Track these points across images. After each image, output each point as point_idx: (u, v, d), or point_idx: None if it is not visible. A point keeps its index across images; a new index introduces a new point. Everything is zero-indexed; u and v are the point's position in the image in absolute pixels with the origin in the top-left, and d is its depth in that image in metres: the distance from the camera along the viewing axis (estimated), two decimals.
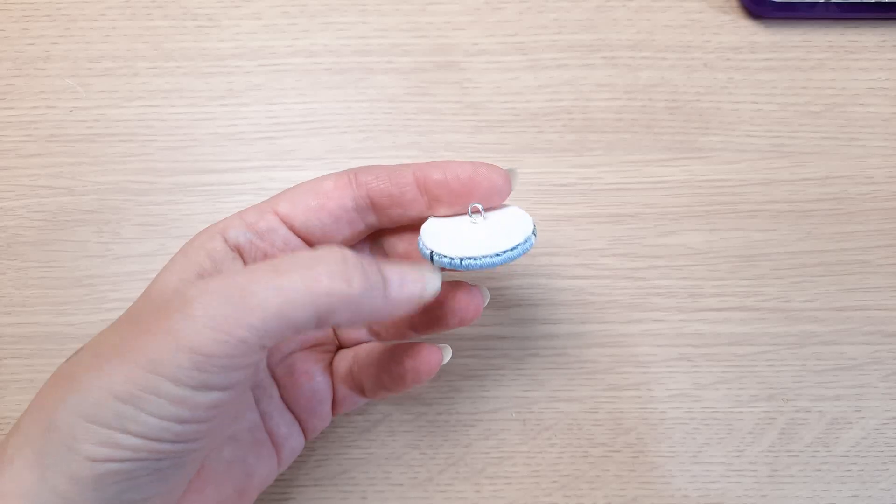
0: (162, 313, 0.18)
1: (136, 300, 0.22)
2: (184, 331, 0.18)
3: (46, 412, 0.19)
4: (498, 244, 0.22)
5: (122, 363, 0.18)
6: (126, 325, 0.20)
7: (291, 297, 0.18)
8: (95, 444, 0.18)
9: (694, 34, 0.34)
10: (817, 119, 0.34)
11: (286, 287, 0.18)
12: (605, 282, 0.32)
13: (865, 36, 0.34)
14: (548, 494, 0.30)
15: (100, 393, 0.18)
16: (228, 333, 0.18)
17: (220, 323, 0.18)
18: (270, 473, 0.26)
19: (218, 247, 0.22)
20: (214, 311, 0.18)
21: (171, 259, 0.22)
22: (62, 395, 0.18)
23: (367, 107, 0.34)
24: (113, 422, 0.18)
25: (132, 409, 0.18)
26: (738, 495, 0.31)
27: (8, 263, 0.32)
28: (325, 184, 0.23)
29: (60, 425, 0.18)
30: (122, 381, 0.18)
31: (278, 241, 0.23)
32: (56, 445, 0.18)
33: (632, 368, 0.31)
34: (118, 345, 0.19)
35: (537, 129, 0.33)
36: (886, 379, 0.31)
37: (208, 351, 0.18)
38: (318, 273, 0.19)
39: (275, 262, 0.19)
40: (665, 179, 0.33)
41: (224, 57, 0.34)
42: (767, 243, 0.33)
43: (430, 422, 0.31)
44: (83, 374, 0.18)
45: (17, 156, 0.33)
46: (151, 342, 0.18)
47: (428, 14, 0.34)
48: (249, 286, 0.18)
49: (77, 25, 0.34)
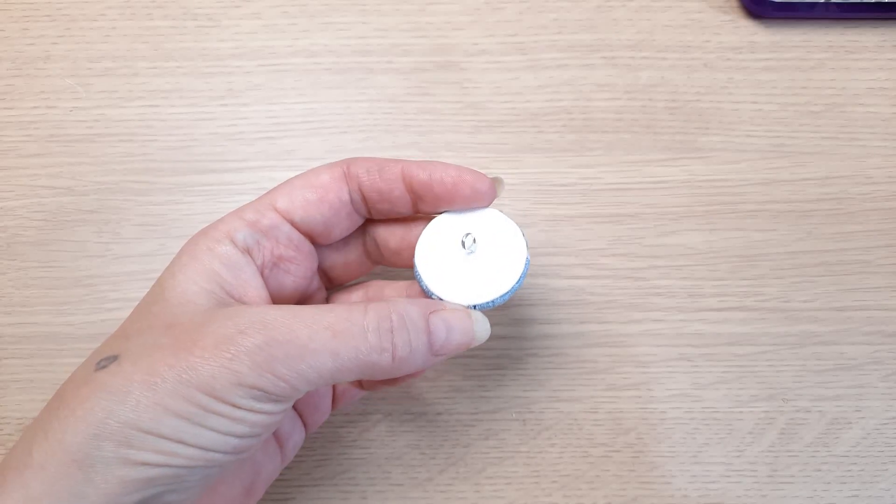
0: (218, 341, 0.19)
1: (152, 301, 0.22)
2: (245, 371, 0.19)
3: (89, 422, 0.18)
4: (501, 281, 0.24)
5: (181, 385, 0.18)
6: (164, 336, 0.20)
7: (343, 365, 0.20)
8: (152, 452, 0.18)
9: (694, 34, 0.34)
10: (817, 119, 0.34)
11: (342, 355, 0.20)
12: (605, 282, 0.32)
13: (865, 36, 0.34)
14: (548, 494, 0.30)
15: (156, 409, 0.18)
16: (285, 381, 0.19)
17: (279, 371, 0.19)
18: (276, 469, 0.26)
19: (230, 251, 0.22)
20: (275, 360, 0.19)
21: (178, 261, 0.22)
22: (110, 406, 0.18)
23: (367, 107, 0.34)
24: (171, 434, 0.18)
25: (190, 424, 0.19)
26: (738, 495, 0.31)
27: (8, 263, 0.32)
28: (321, 177, 0.24)
29: (113, 435, 0.18)
30: (182, 402, 0.18)
31: (282, 238, 0.23)
32: (108, 453, 0.18)
33: (632, 368, 0.31)
34: (169, 362, 0.19)
35: (537, 129, 0.33)
36: (886, 379, 0.31)
37: (267, 389, 0.19)
38: (370, 346, 0.20)
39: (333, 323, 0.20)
40: (665, 179, 0.33)
41: (224, 57, 0.34)
42: (767, 243, 0.33)
43: (430, 422, 0.31)
44: (135, 390, 0.18)
45: (17, 156, 0.33)
46: (211, 371, 0.19)
47: (428, 14, 0.34)
48: (310, 346, 0.19)
49: (77, 25, 0.34)
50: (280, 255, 0.24)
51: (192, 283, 0.21)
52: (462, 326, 0.22)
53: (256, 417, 0.20)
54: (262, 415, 0.20)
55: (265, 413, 0.20)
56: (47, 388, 0.31)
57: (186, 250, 0.22)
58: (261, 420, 0.20)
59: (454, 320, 0.22)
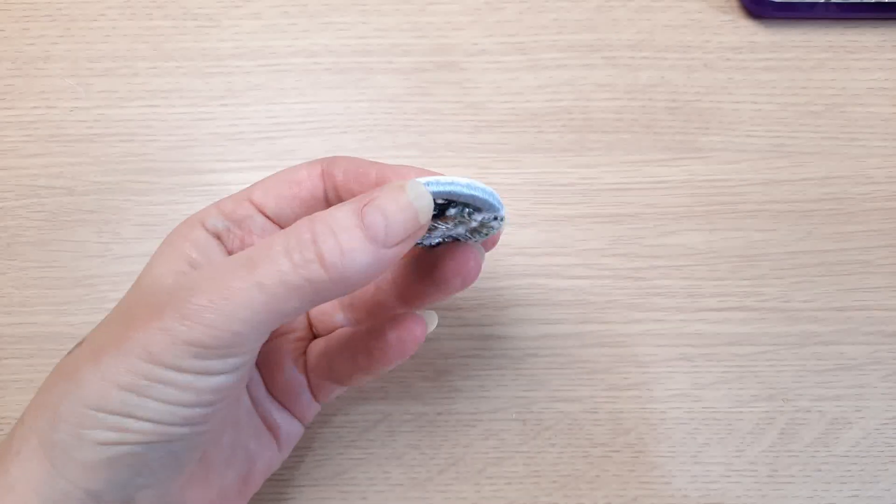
0: (154, 311, 0.19)
1: (128, 292, 0.22)
2: (177, 328, 0.18)
3: (51, 406, 0.19)
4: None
5: (121, 355, 0.19)
6: (120, 318, 0.21)
7: (273, 292, 0.18)
8: (104, 430, 0.19)
9: (694, 34, 0.34)
10: (817, 119, 0.34)
11: (266, 282, 0.18)
12: (605, 282, 0.32)
13: (865, 36, 0.34)
14: (548, 494, 0.30)
15: (102, 384, 0.19)
16: (222, 330, 0.18)
17: (211, 321, 0.18)
18: (273, 459, 0.26)
19: (200, 235, 0.23)
20: (204, 310, 0.18)
21: (157, 250, 0.23)
22: (65, 388, 0.19)
23: (367, 107, 0.34)
24: (119, 409, 0.19)
25: (136, 396, 0.19)
26: (738, 495, 0.31)
27: (8, 263, 0.32)
28: (299, 173, 0.24)
29: (66, 416, 0.19)
30: (124, 372, 0.18)
31: (256, 228, 0.24)
32: (64, 435, 0.19)
33: (632, 368, 0.31)
34: (115, 338, 0.19)
35: (537, 129, 0.33)
36: (886, 379, 0.31)
37: (204, 343, 0.18)
38: (292, 264, 0.18)
39: (251, 254, 0.19)
40: (665, 179, 0.33)
41: (224, 57, 0.34)
42: (767, 243, 0.33)
43: (430, 422, 0.31)
44: (83, 368, 0.19)
45: (17, 156, 0.33)
46: (148, 336, 0.19)
47: (428, 14, 0.34)
48: (232, 284, 0.18)
49: (77, 25, 0.34)
50: (251, 243, 0.23)
51: (163, 267, 0.22)
52: (398, 203, 0.19)
53: (203, 382, 0.19)
54: (208, 376, 0.19)
55: (211, 373, 0.19)
56: None
57: (166, 240, 0.23)
58: (208, 384, 0.19)
59: (386, 201, 0.19)
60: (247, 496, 0.25)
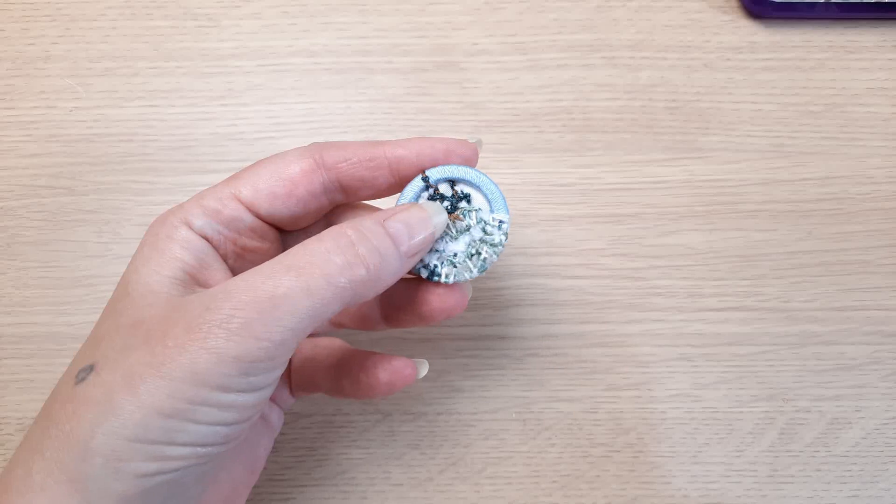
0: (185, 327, 0.18)
1: (118, 301, 0.21)
2: (224, 344, 0.18)
3: (79, 439, 0.18)
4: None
5: (161, 380, 0.18)
6: (136, 334, 0.19)
7: (319, 296, 0.19)
8: (143, 461, 0.18)
9: (694, 34, 0.34)
10: (817, 119, 0.34)
11: (314, 289, 0.19)
12: (605, 282, 0.32)
13: (865, 36, 0.34)
14: (548, 494, 0.30)
15: (142, 413, 0.18)
16: (268, 340, 0.18)
17: (258, 331, 0.18)
18: (271, 440, 0.26)
19: (188, 237, 0.22)
20: (250, 321, 0.18)
21: (139, 255, 0.21)
22: (96, 420, 0.18)
23: (367, 107, 0.34)
24: (161, 437, 0.18)
25: (178, 421, 0.18)
26: (738, 495, 0.31)
27: (8, 263, 0.32)
28: (290, 168, 0.22)
29: (102, 450, 0.18)
30: (165, 398, 0.18)
31: (245, 230, 0.23)
32: (100, 469, 0.18)
33: (632, 368, 0.31)
34: (147, 362, 0.18)
35: (537, 129, 0.33)
36: (886, 379, 0.31)
37: (252, 357, 0.18)
38: (338, 267, 0.19)
39: (293, 262, 0.19)
40: (665, 179, 0.33)
41: (224, 57, 0.34)
42: (767, 243, 0.33)
43: (430, 422, 0.31)
44: (118, 398, 0.18)
45: (17, 156, 0.33)
46: (191, 356, 0.18)
47: (428, 14, 0.34)
48: (278, 293, 0.19)
49: (77, 25, 0.34)
50: (244, 245, 0.23)
51: (155, 274, 0.21)
52: (419, 219, 0.22)
53: (245, 399, 0.19)
54: (251, 393, 0.19)
55: (254, 391, 0.19)
56: (47, 389, 0.31)
57: (147, 241, 0.22)
58: (250, 400, 0.19)
59: (409, 217, 0.22)
60: (252, 484, 0.25)
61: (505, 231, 0.24)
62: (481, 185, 0.24)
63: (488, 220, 0.24)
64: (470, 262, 0.23)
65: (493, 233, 0.24)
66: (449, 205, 0.24)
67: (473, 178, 0.24)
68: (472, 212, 0.24)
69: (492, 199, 0.24)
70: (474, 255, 0.24)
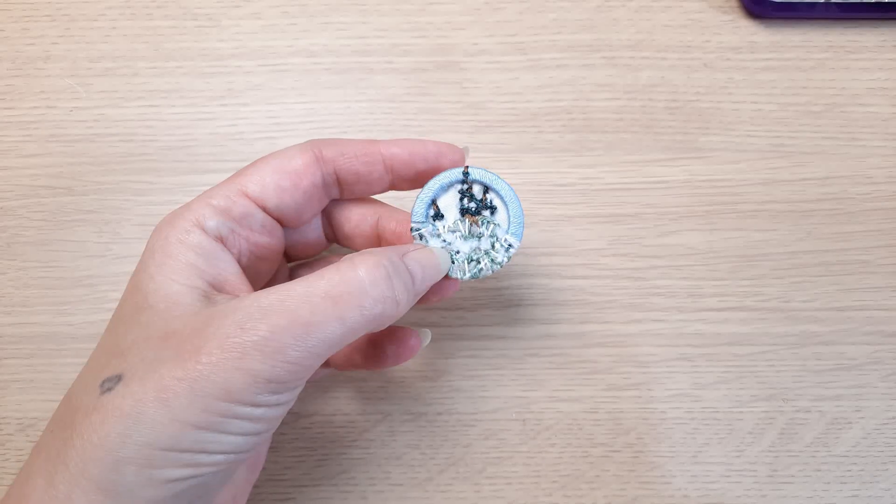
0: (227, 346, 0.19)
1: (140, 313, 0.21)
2: (258, 367, 0.18)
3: (108, 449, 0.18)
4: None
5: (195, 396, 0.18)
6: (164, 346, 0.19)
7: (350, 324, 0.20)
8: (175, 468, 0.18)
9: (694, 34, 0.34)
10: (817, 119, 0.34)
11: (347, 318, 0.20)
12: (605, 282, 0.32)
13: (865, 36, 0.34)
14: (548, 494, 0.30)
15: (174, 425, 0.18)
16: (300, 364, 0.19)
17: (291, 356, 0.19)
18: (269, 440, 0.26)
19: (202, 240, 0.22)
20: (285, 347, 0.19)
21: (152, 260, 0.21)
22: (126, 431, 0.18)
23: (367, 107, 0.34)
24: (193, 447, 0.18)
25: (210, 433, 0.19)
26: (738, 495, 0.31)
27: (8, 263, 0.32)
28: (293, 161, 0.23)
29: (133, 459, 0.18)
30: (199, 412, 0.18)
31: (256, 226, 0.23)
32: (131, 477, 0.18)
33: (632, 368, 0.31)
34: (182, 377, 0.18)
35: (537, 129, 0.33)
36: (886, 379, 0.31)
37: (283, 379, 0.19)
38: (373, 299, 0.20)
39: (329, 289, 0.20)
40: (665, 179, 0.33)
41: (224, 57, 0.34)
42: (767, 243, 0.33)
43: (430, 422, 0.31)
44: (149, 411, 0.18)
45: (17, 156, 0.33)
46: (226, 375, 0.18)
47: (428, 14, 0.34)
48: (313, 320, 0.19)
49: (77, 25, 0.34)
50: (256, 242, 0.23)
51: (173, 283, 0.21)
52: (431, 261, 0.23)
53: (274, 412, 0.20)
54: (280, 407, 0.20)
55: (282, 404, 0.20)
56: (47, 388, 0.31)
57: (158, 247, 0.22)
58: (278, 412, 0.20)
59: (424, 258, 0.23)
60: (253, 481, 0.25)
61: (510, 255, 0.24)
62: (509, 205, 0.24)
63: (501, 238, 0.24)
64: (467, 265, 0.24)
65: (499, 251, 0.24)
66: (475, 206, 0.24)
67: (507, 195, 0.24)
68: (490, 224, 0.24)
69: (512, 222, 0.24)
70: (473, 261, 0.24)
